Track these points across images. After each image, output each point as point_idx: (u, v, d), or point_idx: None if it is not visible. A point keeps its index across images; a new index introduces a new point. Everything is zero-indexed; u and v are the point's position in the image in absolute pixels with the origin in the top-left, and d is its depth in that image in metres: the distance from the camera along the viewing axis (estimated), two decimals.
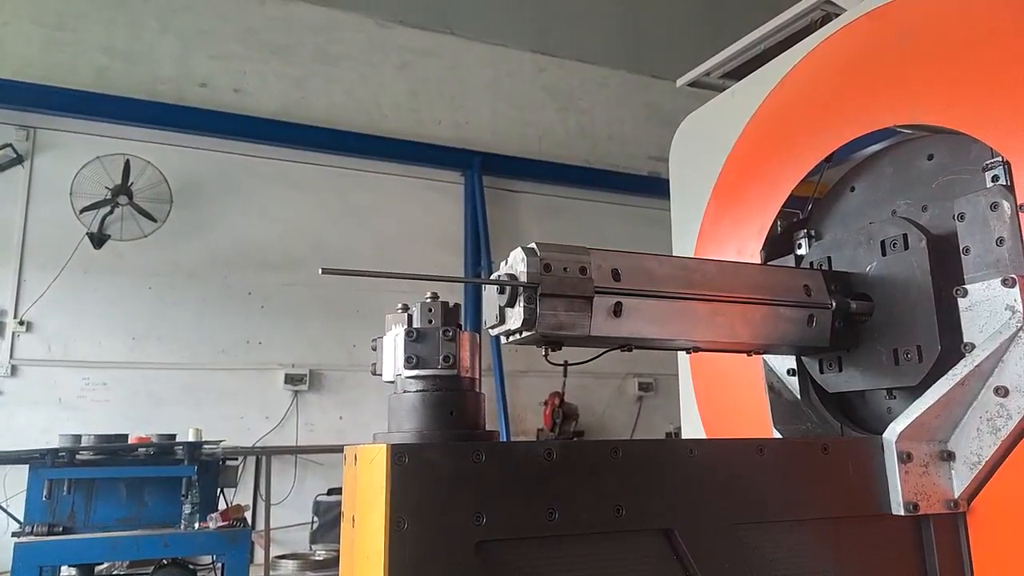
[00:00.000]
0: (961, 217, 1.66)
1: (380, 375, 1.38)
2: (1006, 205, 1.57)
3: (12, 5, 7.88)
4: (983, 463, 1.49)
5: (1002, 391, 1.49)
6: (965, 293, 1.61)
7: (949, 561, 1.53)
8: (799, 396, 2.10)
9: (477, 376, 1.35)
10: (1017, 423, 1.46)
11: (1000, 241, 1.57)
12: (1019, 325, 1.50)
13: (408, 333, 1.29)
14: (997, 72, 1.63)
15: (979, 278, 1.60)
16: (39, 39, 7.92)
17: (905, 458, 1.51)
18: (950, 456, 1.54)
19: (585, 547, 1.29)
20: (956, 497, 1.52)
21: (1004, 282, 1.54)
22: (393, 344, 1.32)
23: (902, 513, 1.48)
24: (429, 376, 1.28)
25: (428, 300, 1.33)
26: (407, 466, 1.16)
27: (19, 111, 7.65)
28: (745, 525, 1.41)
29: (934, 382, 1.57)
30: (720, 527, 1.38)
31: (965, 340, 1.59)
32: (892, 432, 1.53)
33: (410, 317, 1.34)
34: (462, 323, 1.36)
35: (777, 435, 2.05)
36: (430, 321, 1.32)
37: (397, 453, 1.16)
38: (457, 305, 1.36)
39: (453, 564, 1.16)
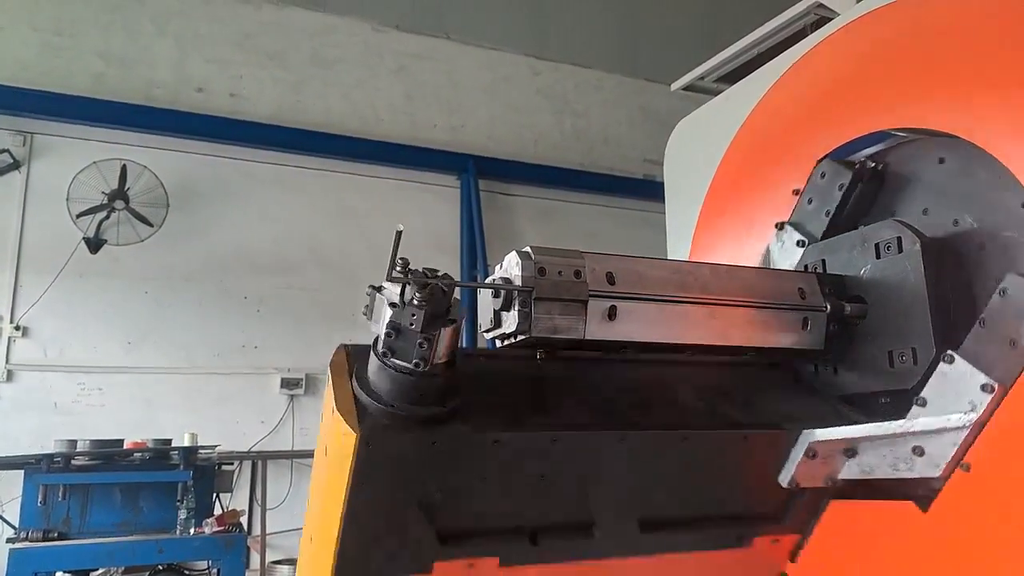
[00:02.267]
0: None
1: (370, 320, 1.37)
2: None
3: (9, 10, 7.88)
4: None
5: (919, 451, 1.52)
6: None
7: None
8: None
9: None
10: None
11: None
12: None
13: (388, 333, 1.28)
14: (990, 76, 1.64)
15: None
16: (36, 44, 7.92)
17: (811, 455, 1.63)
18: (853, 453, 1.64)
19: None
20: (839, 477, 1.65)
21: None
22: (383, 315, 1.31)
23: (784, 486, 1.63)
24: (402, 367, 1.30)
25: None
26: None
27: (16, 116, 7.66)
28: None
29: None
30: None
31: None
32: (811, 436, 1.63)
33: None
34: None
35: None
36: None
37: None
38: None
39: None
